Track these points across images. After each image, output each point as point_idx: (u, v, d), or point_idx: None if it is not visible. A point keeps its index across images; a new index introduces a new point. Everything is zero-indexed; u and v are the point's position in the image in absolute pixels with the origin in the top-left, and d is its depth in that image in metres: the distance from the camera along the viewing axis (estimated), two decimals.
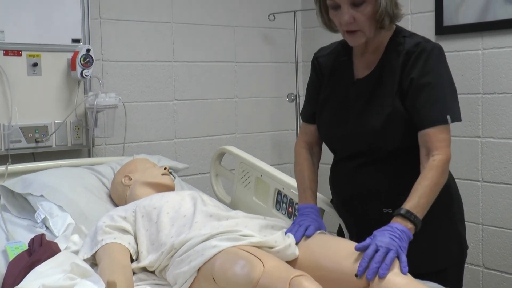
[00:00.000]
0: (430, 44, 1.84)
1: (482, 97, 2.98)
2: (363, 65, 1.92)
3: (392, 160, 1.86)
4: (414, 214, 1.68)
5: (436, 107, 1.77)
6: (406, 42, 1.85)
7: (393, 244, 1.60)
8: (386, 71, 1.85)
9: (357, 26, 1.79)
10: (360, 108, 1.88)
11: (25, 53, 2.74)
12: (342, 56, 1.99)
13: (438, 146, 1.76)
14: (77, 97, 2.89)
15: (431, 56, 1.80)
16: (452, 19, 3.04)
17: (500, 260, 2.99)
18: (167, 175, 2.32)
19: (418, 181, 1.74)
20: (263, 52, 3.71)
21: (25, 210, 2.35)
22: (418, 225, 1.69)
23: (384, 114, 1.82)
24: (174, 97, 3.34)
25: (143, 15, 3.20)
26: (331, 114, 1.96)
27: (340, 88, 1.95)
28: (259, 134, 3.67)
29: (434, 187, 1.74)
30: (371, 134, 1.84)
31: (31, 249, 1.93)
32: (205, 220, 1.90)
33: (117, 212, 2.03)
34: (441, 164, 1.74)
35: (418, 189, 1.72)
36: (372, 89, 1.87)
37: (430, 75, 1.78)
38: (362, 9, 1.77)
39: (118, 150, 3.11)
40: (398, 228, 1.65)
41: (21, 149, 2.75)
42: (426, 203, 1.72)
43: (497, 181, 2.97)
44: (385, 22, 1.80)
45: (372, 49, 1.90)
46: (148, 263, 1.85)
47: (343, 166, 1.98)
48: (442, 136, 1.77)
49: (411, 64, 1.80)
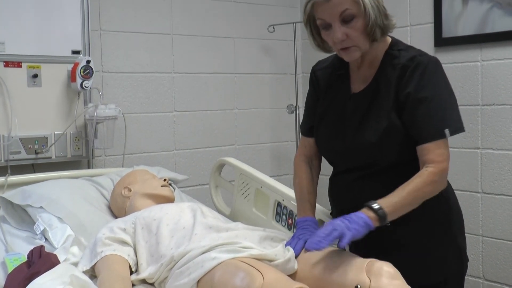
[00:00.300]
0: (426, 57, 1.83)
1: (481, 108, 2.98)
2: (359, 79, 1.92)
3: (390, 173, 1.85)
4: (381, 206, 1.69)
5: (433, 122, 1.76)
6: (402, 56, 1.84)
7: (341, 225, 1.64)
8: (382, 85, 1.84)
9: (351, 42, 1.78)
10: (356, 123, 1.87)
11: (25, 65, 2.75)
12: (339, 70, 1.98)
13: (434, 160, 1.76)
14: (77, 109, 2.89)
15: (427, 70, 1.79)
16: (451, 31, 3.05)
17: (501, 272, 2.98)
18: (166, 186, 2.32)
19: (402, 185, 1.75)
20: (263, 64, 3.72)
21: (24, 222, 2.34)
22: (382, 218, 1.69)
23: (380, 128, 1.81)
24: (174, 108, 3.34)
25: (143, 27, 3.21)
26: (329, 128, 1.96)
27: (337, 102, 1.95)
28: (258, 145, 3.67)
29: (415, 192, 1.73)
30: (368, 148, 1.84)
31: (30, 261, 1.93)
32: (205, 232, 1.90)
33: (116, 223, 2.02)
34: (430, 174, 1.74)
35: (398, 190, 1.74)
36: (369, 104, 1.86)
37: (427, 89, 1.77)
38: (353, 25, 1.75)
39: (118, 161, 3.11)
40: (356, 215, 1.68)
41: (20, 160, 2.75)
42: (400, 204, 1.72)
43: (497, 193, 2.97)
44: (377, 34, 1.79)
45: (368, 63, 1.89)
46: (148, 275, 1.85)
47: (342, 179, 1.97)
48: (438, 151, 1.76)
49: (407, 78, 1.79)
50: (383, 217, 1.69)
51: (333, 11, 1.74)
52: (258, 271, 1.56)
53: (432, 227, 1.83)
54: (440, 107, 1.78)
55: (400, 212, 1.73)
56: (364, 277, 1.58)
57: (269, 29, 3.60)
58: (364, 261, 1.65)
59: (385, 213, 1.69)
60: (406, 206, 1.74)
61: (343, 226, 1.63)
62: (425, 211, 1.80)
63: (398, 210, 1.73)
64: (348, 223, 1.64)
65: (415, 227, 1.83)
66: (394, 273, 1.59)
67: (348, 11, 1.73)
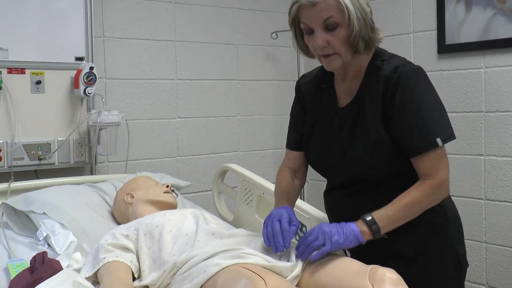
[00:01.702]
0: (408, 67, 1.78)
1: (485, 115, 2.98)
2: (344, 92, 1.89)
3: (382, 186, 1.83)
4: (375, 220, 1.70)
5: (422, 133, 1.74)
6: (385, 67, 1.79)
7: (327, 234, 1.68)
8: (367, 98, 1.81)
9: (332, 49, 1.75)
10: (344, 140, 1.85)
11: (28, 71, 2.76)
12: (324, 83, 1.95)
13: (428, 172, 1.74)
14: (80, 115, 2.89)
15: (410, 81, 1.75)
16: (454, 37, 3.05)
17: (504, 279, 2.97)
18: (169, 193, 2.32)
19: (399, 196, 1.74)
20: (266, 70, 3.72)
21: (27, 228, 2.34)
22: (375, 233, 1.70)
23: (369, 144, 1.79)
24: (177, 115, 3.34)
25: (146, 33, 3.21)
26: (318, 145, 1.94)
27: (324, 118, 1.93)
28: (261, 151, 3.67)
29: (411, 204, 1.73)
30: (358, 165, 1.82)
31: (33, 267, 1.93)
32: (207, 239, 1.89)
33: (119, 230, 2.02)
34: (428, 187, 1.73)
35: (394, 202, 1.73)
36: (355, 119, 1.83)
37: (411, 100, 1.74)
38: (335, 33, 1.73)
39: (121, 167, 3.11)
40: (348, 227, 1.70)
41: (23, 166, 2.75)
42: (395, 217, 1.72)
43: (500, 199, 2.96)
44: (360, 46, 1.75)
45: (352, 74, 1.86)
46: (150, 281, 1.84)
47: (334, 194, 1.96)
48: (432, 163, 1.74)
49: (390, 91, 1.75)
50: (376, 232, 1.70)
51: (317, 17, 1.72)
52: (261, 278, 1.55)
53: (429, 236, 1.81)
54: (428, 117, 1.74)
55: (395, 225, 1.73)
56: (367, 283, 1.57)
57: (272, 36, 3.60)
58: (367, 267, 1.64)
59: (379, 228, 1.70)
60: (402, 219, 1.73)
61: (328, 236, 1.68)
62: (422, 220, 1.79)
63: (393, 224, 1.73)
64: (334, 234, 1.68)
65: (412, 236, 1.83)
66: (397, 280, 1.58)
67: (332, 19, 1.71)
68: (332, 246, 1.68)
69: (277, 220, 1.78)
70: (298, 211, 2.29)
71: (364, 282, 1.58)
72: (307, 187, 3.86)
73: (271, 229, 1.77)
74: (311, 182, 3.85)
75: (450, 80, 3.11)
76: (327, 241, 1.67)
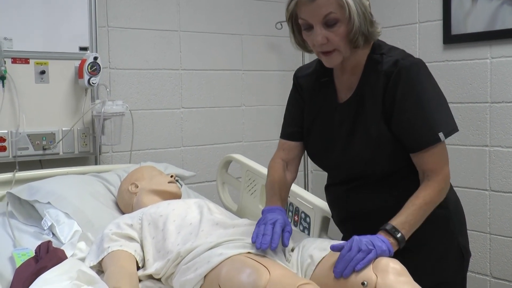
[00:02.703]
0: (408, 60, 1.75)
1: (490, 106, 2.97)
2: (344, 87, 1.86)
3: (383, 182, 1.82)
4: (398, 230, 1.67)
5: (425, 128, 1.72)
6: (384, 61, 1.76)
7: (374, 244, 1.60)
8: (367, 93, 1.79)
9: (331, 46, 1.72)
10: (344, 136, 1.83)
11: (32, 61, 2.76)
12: (323, 77, 1.92)
13: (432, 168, 1.73)
14: (84, 105, 2.89)
15: (411, 74, 1.72)
16: (460, 28, 3.04)
17: (508, 270, 2.97)
18: (173, 183, 2.32)
19: (410, 199, 1.72)
20: (270, 61, 3.71)
21: (32, 217, 2.35)
22: (401, 243, 1.67)
23: (370, 141, 1.77)
24: (181, 105, 3.34)
25: (151, 24, 3.21)
26: (318, 142, 1.92)
27: (324, 113, 1.90)
28: (265, 142, 3.67)
29: (425, 205, 1.71)
30: (359, 162, 1.80)
31: (38, 256, 1.93)
32: (211, 229, 1.89)
33: (123, 219, 2.03)
34: (436, 184, 1.73)
35: (409, 207, 1.70)
36: (355, 115, 1.81)
37: (413, 95, 1.71)
38: (335, 30, 1.69)
39: (125, 157, 3.11)
40: (379, 237, 1.64)
41: (28, 156, 2.76)
42: (414, 221, 1.70)
43: (505, 190, 2.96)
44: (359, 42, 1.73)
45: (351, 69, 1.83)
46: (154, 270, 1.85)
47: (335, 190, 1.95)
48: (435, 158, 1.73)
49: (391, 85, 1.73)
50: (402, 241, 1.68)
51: (316, 13, 1.69)
52: (265, 267, 1.56)
53: (431, 228, 1.80)
54: (430, 111, 1.72)
55: (415, 228, 1.71)
56: (371, 273, 1.57)
57: (277, 26, 3.59)
58: None
59: (403, 237, 1.68)
60: (419, 222, 1.72)
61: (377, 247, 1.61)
62: None
63: (413, 228, 1.71)
64: (381, 244, 1.62)
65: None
66: (401, 270, 1.58)
67: (332, 15, 1.68)
68: (378, 251, 1.60)
69: (271, 224, 1.72)
70: (302, 201, 2.30)
71: (368, 272, 1.58)
72: (311, 177, 3.86)
73: (263, 230, 1.71)
74: (315, 173, 3.84)
75: (456, 71, 3.10)
76: (370, 247, 1.60)
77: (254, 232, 1.72)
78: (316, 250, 1.75)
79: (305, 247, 1.79)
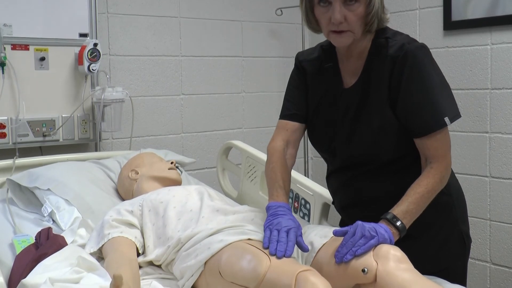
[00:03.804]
0: (414, 45, 1.74)
1: (491, 92, 2.96)
2: (349, 72, 1.85)
3: (387, 169, 1.82)
4: (400, 219, 1.66)
5: (430, 113, 1.72)
6: (389, 45, 1.76)
7: (377, 232, 1.59)
8: (373, 79, 1.78)
9: (347, 26, 1.70)
10: (350, 122, 1.82)
11: (32, 47, 2.75)
12: (327, 62, 1.90)
13: (436, 154, 1.72)
14: (84, 91, 2.89)
15: (417, 59, 1.71)
16: (461, 14, 3.02)
17: (508, 256, 2.98)
18: (173, 169, 2.32)
19: (412, 186, 1.71)
20: (270, 47, 3.70)
21: (32, 204, 2.35)
22: (402, 232, 1.66)
23: (375, 127, 1.76)
24: (181, 92, 3.34)
25: (151, 10, 3.19)
26: (322, 127, 1.90)
27: (329, 98, 1.88)
28: (266, 128, 3.66)
29: (427, 193, 1.70)
30: (363, 148, 1.80)
31: (38, 242, 1.94)
32: (212, 215, 1.90)
33: (123, 206, 2.03)
34: (438, 172, 1.72)
35: (411, 195, 1.69)
36: (360, 100, 1.80)
37: (419, 79, 1.71)
38: (354, 8, 1.68)
39: (125, 144, 3.11)
40: (381, 226, 1.63)
41: (28, 143, 2.76)
42: (415, 209, 1.69)
43: (505, 177, 2.96)
44: (374, 26, 1.73)
45: (356, 53, 1.82)
46: (155, 257, 1.86)
47: (338, 177, 1.93)
48: (439, 144, 1.73)
49: (397, 69, 1.72)
50: (403, 231, 1.67)
51: None
52: (265, 254, 1.56)
53: (434, 215, 1.81)
54: (436, 96, 1.72)
55: (415, 218, 1.70)
56: (371, 260, 1.58)
57: (277, 12, 3.58)
58: None
59: (404, 227, 1.66)
60: (421, 211, 1.71)
61: (380, 234, 1.60)
62: None
63: (415, 217, 1.69)
64: (384, 232, 1.61)
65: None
66: (401, 257, 1.59)
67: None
68: (380, 238, 1.59)
69: (285, 232, 1.63)
70: (302, 187, 2.30)
71: (368, 259, 1.58)
72: (311, 164, 3.86)
73: (277, 236, 1.62)
74: (315, 159, 3.84)
75: (456, 57, 3.09)
76: (372, 233, 1.59)
77: (266, 237, 1.64)
78: (316, 237, 1.76)
79: (305, 234, 1.79)
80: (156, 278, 1.83)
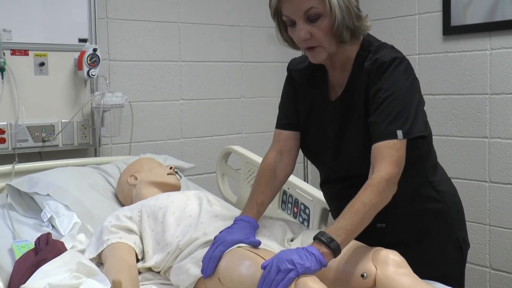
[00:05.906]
0: (389, 56, 1.70)
1: (490, 97, 2.97)
2: (336, 84, 1.83)
3: None
4: (331, 238, 1.54)
5: (387, 121, 1.65)
6: (368, 58, 1.74)
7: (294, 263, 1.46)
8: (356, 91, 1.76)
9: (315, 42, 1.69)
10: (335, 135, 1.80)
11: (32, 53, 2.75)
12: (316, 72, 1.88)
13: (381, 162, 1.63)
14: (84, 97, 2.89)
15: (387, 69, 1.68)
16: (460, 19, 3.03)
17: (507, 261, 2.98)
18: (173, 174, 2.32)
19: (350, 202, 1.60)
20: (270, 52, 3.71)
21: (31, 209, 2.35)
22: (336, 251, 1.52)
23: (359, 139, 1.74)
24: (180, 97, 3.34)
25: (150, 15, 3.20)
26: (315, 139, 1.88)
27: (317, 109, 1.87)
28: (265, 134, 3.67)
29: (363, 207, 1.58)
30: (350, 163, 1.78)
31: (38, 248, 1.94)
32: (211, 221, 1.89)
33: (123, 211, 2.03)
34: (376, 183, 1.60)
35: (346, 211, 1.58)
36: (344, 112, 1.78)
37: (383, 88, 1.67)
38: (318, 24, 1.67)
39: (125, 149, 3.11)
40: (307, 250, 1.51)
41: (28, 148, 2.76)
42: (351, 226, 1.56)
43: (504, 182, 2.96)
44: (344, 36, 1.69)
45: (340, 65, 1.80)
46: (154, 263, 1.85)
47: (332, 187, 1.93)
48: (388, 152, 1.64)
49: (370, 83, 1.70)
50: (337, 249, 1.52)
51: (297, 8, 1.67)
52: (264, 260, 1.56)
53: (429, 223, 1.80)
54: (395, 106, 1.66)
55: (355, 235, 1.59)
56: (370, 265, 1.58)
57: None
58: (370, 250, 1.64)
59: (338, 245, 1.54)
60: (359, 227, 1.58)
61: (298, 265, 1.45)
62: (420, 208, 1.79)
63: (352, 234, 1.58)
64: (301, 261, 1.46)
65: (411, 224, 1.82)
66: (400, 261, 1.59)
67: (313, 10, 1.65)
68: (299, 269, 1.45)
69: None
70: (301, 193, 2.30)
71: (367, 264, 1.58)
72: (310, 169, 3.86)
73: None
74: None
75: (455, 62, 3.10)
76: (290, 266, 1.45)
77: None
78: None
79: (304, 238, 1.79)
80: (156, 284, 1.83)
